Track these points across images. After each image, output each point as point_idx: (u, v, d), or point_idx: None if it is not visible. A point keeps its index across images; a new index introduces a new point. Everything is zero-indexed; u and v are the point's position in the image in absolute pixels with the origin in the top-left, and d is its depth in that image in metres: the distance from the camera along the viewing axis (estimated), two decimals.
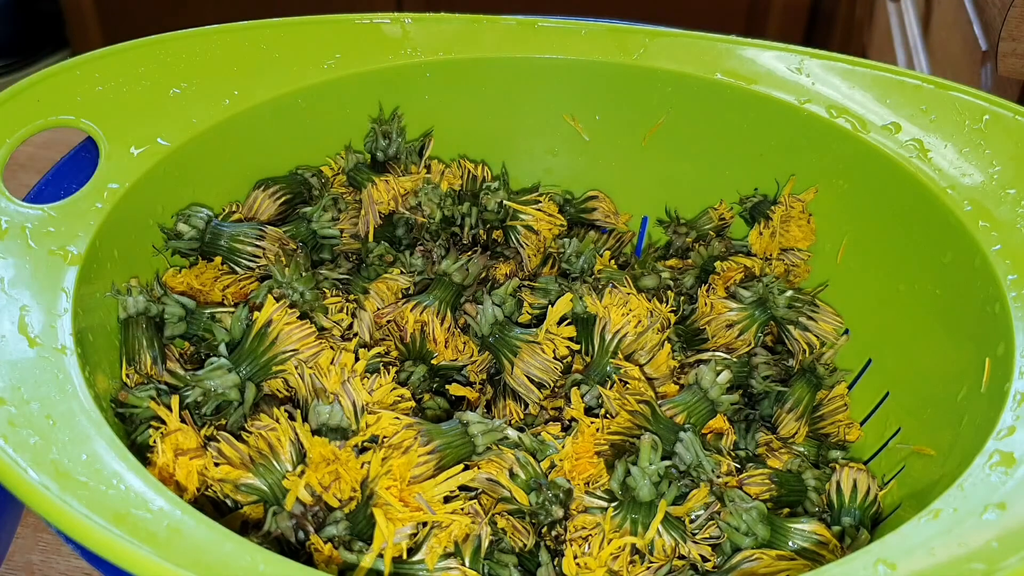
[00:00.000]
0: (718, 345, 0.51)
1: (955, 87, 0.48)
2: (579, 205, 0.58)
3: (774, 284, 0.51)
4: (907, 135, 0.48)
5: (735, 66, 0.52)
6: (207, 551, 0.30)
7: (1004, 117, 0.46)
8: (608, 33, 0.54)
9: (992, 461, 0.34)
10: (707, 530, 0.41)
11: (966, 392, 0.41)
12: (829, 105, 0.50)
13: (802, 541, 0.41)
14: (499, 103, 0.56)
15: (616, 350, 0.47)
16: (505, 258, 0.55)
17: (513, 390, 0.48)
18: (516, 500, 0.41)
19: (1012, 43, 0.69)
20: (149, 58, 0.49)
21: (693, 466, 0.43)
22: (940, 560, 0.30)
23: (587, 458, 0.42)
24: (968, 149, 0.46)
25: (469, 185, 0.57)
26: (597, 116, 0.56)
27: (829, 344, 0.51)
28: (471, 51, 0.54)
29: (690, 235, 0.57)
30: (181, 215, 0.48)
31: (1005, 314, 0.40)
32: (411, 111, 0.55)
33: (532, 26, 0.55)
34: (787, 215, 0.53)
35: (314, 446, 0.39)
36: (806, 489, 0.45)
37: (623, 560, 0.40)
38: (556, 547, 0.41)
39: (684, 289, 0.54)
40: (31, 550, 0.50)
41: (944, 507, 0.32)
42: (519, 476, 0.41)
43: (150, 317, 0.45)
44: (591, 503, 0.41)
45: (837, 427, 0.50)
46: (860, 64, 0.51)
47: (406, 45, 0.54)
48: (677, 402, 0.45)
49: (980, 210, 0.43)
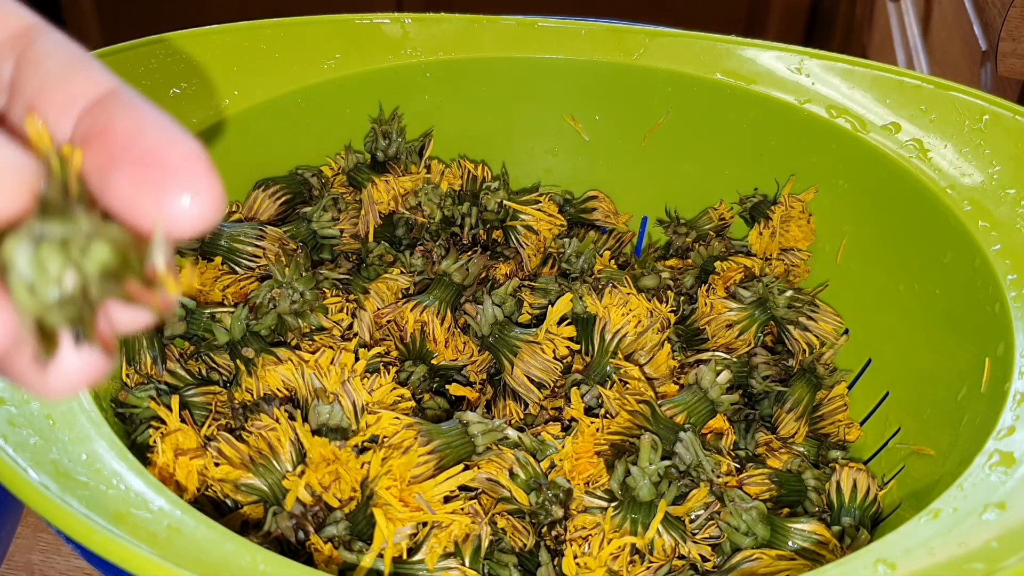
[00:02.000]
0: (718, 345, 0.51)
1: (955, 87, 0.48)
2: (579, 205, 0.58)
3: (774, 284, 0.51)
4: (907, 135, 0.48)
5: (735, 66, 0.52)
6: (207, 551, 0.30)
7: (1004, 117, 0.46)
8: (608, 33, 0.54)
9: (992, 461, 0.34)
10: (707, 530, 0.41)
11: (966, 392, 0.41)
12: (829, 105, 0.50)
13: (802, 541, 0.41)
14: (499, 103, 0.56)
15: (616, 350, 0.47)
16: (505, 258, 0.55)
17: (513, 390, 0.48)
18: (516, 500, 0.41)
19: (1012, 43, 0.69)
20: (149, 58, 0.49)
21: (693, 466, 0.43)
22: (940, 560, 0.30)
23: (587, 458, 0.42)
24: (968, 149, 0.46)
25: (469, 185, 0.57)
26: (597, 116, 0.56)
27: (829, 344, 0.51)
28: (471, 51, 0.54)
29: (690, 235, 0.57)
30: None
31: (1005, 314, 0.40)
32: (411, 111, 0.55)
33: (532, 26, 0.55)
34: (787, 215, 0.53)
35: (314, 446, 0.39)
36: (806, 489, 0.45)
37: (623, 560, 0.39)
38: (556, 547, 0.41)
39: (684, 289, 0.54)
40: (31, 550, 0.50)
41: (944, 507, 0.32)
42: (519, 476, 0.41)
43: None
44: (591, 503, 0.41)
45: (837, 427, 0.50)
46: (860, 64, 0.51)
47: (406, 45, 0.54)
48: (677, 402, 0.45)
49: (980, 210, 0.43)
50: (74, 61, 0.19)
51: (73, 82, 0.18)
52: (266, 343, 0.46)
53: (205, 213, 0.17)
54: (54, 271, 0.17)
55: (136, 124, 0.18)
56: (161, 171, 0.17)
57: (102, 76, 0.19)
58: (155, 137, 0.18)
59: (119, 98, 0.18)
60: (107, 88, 0.18)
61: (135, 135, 0.18)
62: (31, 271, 0.16)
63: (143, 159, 0.17)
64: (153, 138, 0.18)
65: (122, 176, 0.17)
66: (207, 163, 0.18)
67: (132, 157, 0.17)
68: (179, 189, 0.17)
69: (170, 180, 0.17)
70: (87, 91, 0.18)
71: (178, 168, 0.17)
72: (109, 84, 0.19)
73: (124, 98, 0.18)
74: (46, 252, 0.17)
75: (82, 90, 0.18)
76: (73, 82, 0.18)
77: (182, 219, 0.17)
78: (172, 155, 0.18)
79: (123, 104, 0.18)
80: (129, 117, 0.18)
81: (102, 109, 0.18)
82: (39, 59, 0.19)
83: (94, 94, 0.18)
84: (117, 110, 0.18)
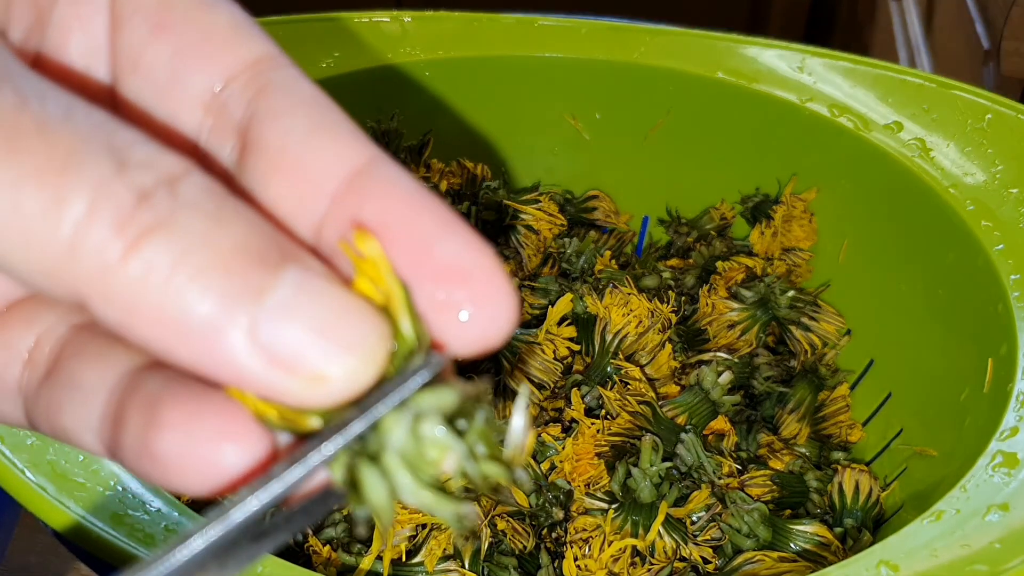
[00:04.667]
0: (719, 345, 0.50)
1: (957, 86, 0.48)
2: (579, 205, 0.58)
3: (776, 284, 0.50)
4: (909, 134, 0.48)
5: (736, 64, 0.52)
6: None
7: (1007, 116, 0.46)
8: (609, 31, 0.54)
9: (995, 462, 0.34)
10: (708, 532, 0.41)
11: (969, 393, 0.41)
12: (831, 104, 0.50)
13: (804, 543, 0.41)
14: (499, 102, 0.56)
15: (617, 351, 0.47)
16: (505, 258, 0.55)
17: (513, 390, 0.48)
18: (516, 502, 0.41)
19: (1015, 42, 0.68)
20: None
21: (694, 467, 0.43)
22: (942, 562, 0.30)
23: (587, 459, 0.42)
24: (970, 148, 0.46)
25: (469, 185, 0.56)
26: (597, 115, 0.56)
27: (831, 345, 0.51)
28: (471, 49, 0.54)
29: (691, 235, 0.57)
30: None
31: (1008, 314, 0.39)
32: (410, 110, 0.55)
33: (532, 24, 0.55)
34: (789, 215, 0.53)
35: None
36: (808, 490, 0.45)
37: (624, 562, 0.39)
38: (556, 549, 0.41)
39: (685, 289, 0.54)
40: (29, 552, 0.50)
41: (947, 508, 0.32)
42: None
43: None
44: (592, 505, 0.41)
45: (839, 428, 0.50)
46: (862, 63, 0.50)
47: (405, 43, 0.53)
48: (678, 403, 0.45)
49: (983, 209, 0.43)
50: (322, 118, 0.15)
51: (325, 150, 0.14)
52: None
53: (502, 328, 0.14)
54: (435, 454, 0.14)
55: (418, 221, 0.14)
56: (461, 284, 0.14)
57: (357, 142, 0.15)
58: (450, 245, 0.14)
59: (381, 175, 0.14)
60: (365, 159, 0.15)
61: (425, 238, 0.14)
62: (409, 454, 0.13)
63: (440, 272, 0.14)
64: (442, 242, 0.14)
65: (418, 292, 0.14)
66: (502, 271, 0.14)
67: (429, 270, 0.14)
68: (481, 307, 0.14)
69: (470, 297, 0.14)
70: (341, 164, 0.14)
71: (477, 280, 0.14)
72: (366, 154, 0.15)
73: (386, 175, 0.14)
74: (424, 428, 0.14)
75: (336, 162, 0.14)
76: (325, 150, 0.14)
77: (472, 335, 0.14)
78: (467, 263, 0.14)
79: (388, 185, 0.14)
80: (404, 208, 0.14)
81: (361, 192, 0.14)
82: (279, 109, 0.15)
83: (349, 167, 0.14)
84: (384, 196, 0.14)
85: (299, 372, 0.13)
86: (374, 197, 0.14)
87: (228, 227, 0.13)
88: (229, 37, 0.15)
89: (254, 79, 0.15)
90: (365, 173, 0.14)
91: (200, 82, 0.15)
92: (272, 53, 0.15)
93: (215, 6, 0.16)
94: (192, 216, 0.13)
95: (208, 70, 0.15)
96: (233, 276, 0.13)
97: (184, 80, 0.15)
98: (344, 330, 0.13)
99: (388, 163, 0.15)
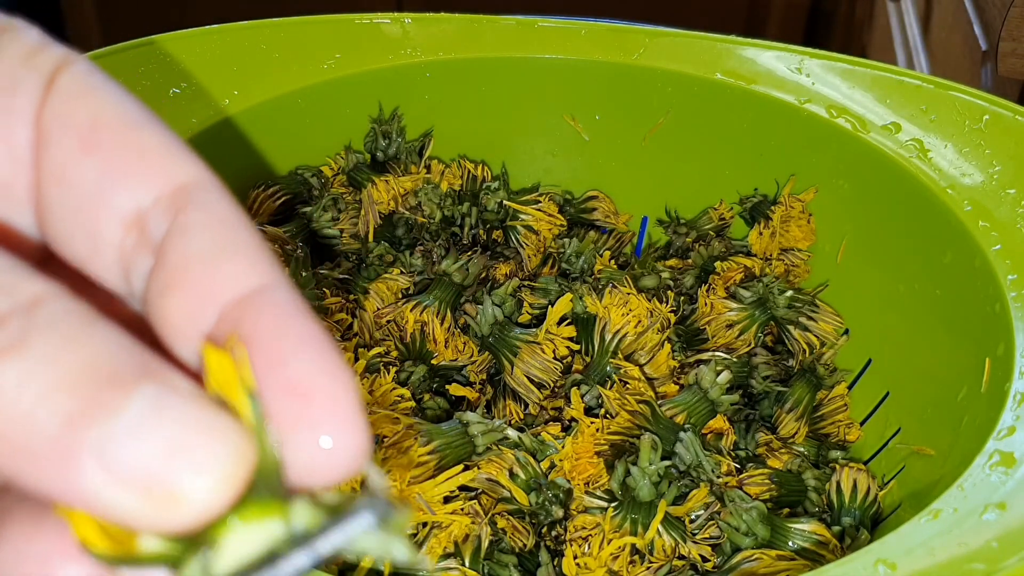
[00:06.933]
0: (718, 345, 0.51)
1: (955, 87, 0.48)
2: (579, 205, 0.58)
3: (774, 284, 0.51)
4: (907, 135, 0.48)
5: (735, 66, 0.52)
6: None
7: (1004, 117, 0.46)
8: (608, 33, 0.54)
9: (992, 461, 0.34)
10: (707, 530, 0.41)
11: (966, 392, 0.41)
12: (829, 105, 0.50)
13: (802, 541, 0.41)
14: (499, 103, 0.56)
15: (616, 350, 0.47)
16: (505, 258, 0.55)
17: (513, 390, 0.48)
18: (516, 500, 0.41)
19: (1012, 43, 0.69)
20: (149, 58, 0.49)
21: (693, 466, 0.43)
22: (940, 560, 0.30)
23: (587, 458, 0.42)
24: (968, 149, 0.46)
25: (469, 185, 0.57)
26: (597, 116, 0.56)
27: (829, 344, 0.51)
28: (471, 51, 0.54)
29: (690, 235, 0.57)
30: None
31: (1005, 314, 0.39)
32: (411, 111, 0.55)
33: (532, 26, 0.55)
34: (787, 215, 0.53)
35: None
36: (806, 489, 0.45)
37: (623, 560, 0.39)
38: (556, 547, 0.41)
39: (684, 289, 0.54)
40: None
41: (944, 507, 0.32)
42: (519, 476, 0.41)
43: None
44: (591, 503, 0.41)
45: (837, 427, 0.50)
46: (860, 64, 0.51)
47: (406, 45, 0.54)
48: (677, 402, 0.45)
49: (980, 210, 0.43)
50: (230, 238, 0.15)
51: (222, 269, 0.15)
52: None
53: (349, 459, 0.14)
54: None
55: (284, 336, 0.14)
56: (307, 406, 0.14)
57: (258, 263, 0.15)
58: (304, 363, 0.14)
59: (270, 297, 0.15)
60: (263, 281, 0.15)
61: (283, 358, 0.14)
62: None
63: (291, 388, 0.14)
64: (301, 364, 0.14)
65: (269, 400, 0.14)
66: (356, 400, 0.14)
67: (277, 383, 0.14)
68: (324, 430, 0.14)
69: (315, 420, 0.14)
70: (236, 283, 0.15)
71: (324, 405, 0.14)
72: (266, 276, 0.15)
73: (275, 298, 0.15)
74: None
75: (230, 281, 0.15)
76: (222, 269, 0.15)
77: (320, 462, 0.14)
78: (319, 388, 0.14)
79: (272, 306, 0.15)
80: (278, 330, 0.14)
81: (245, 310, 0.15)
82: (189, 227, 0.15)
83: (244, 287, 0.15)
84: (263, 314, 0.15)
85: (151, 494, 0.13)
86: (254, 315, 0.14)
87: (81, 347, 0.13)
88: (158, 158, 0.15)
89: (176, 199, 0.15)
90: (257, 293, 0.15)
91: (125, 201, 0.15)
92: (199, 175, 0.16)
93: (146, 126, 0.16)
94: (45, 337, 0.13)
95: (135, 190, 0.15)
96: (81, 396, 0.13)
97: (110, 198, 0.15)
98: (201, 449, 0.13)
99: (283, 286, 0.15)
